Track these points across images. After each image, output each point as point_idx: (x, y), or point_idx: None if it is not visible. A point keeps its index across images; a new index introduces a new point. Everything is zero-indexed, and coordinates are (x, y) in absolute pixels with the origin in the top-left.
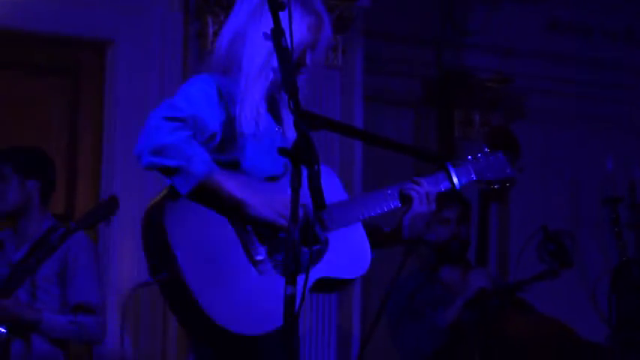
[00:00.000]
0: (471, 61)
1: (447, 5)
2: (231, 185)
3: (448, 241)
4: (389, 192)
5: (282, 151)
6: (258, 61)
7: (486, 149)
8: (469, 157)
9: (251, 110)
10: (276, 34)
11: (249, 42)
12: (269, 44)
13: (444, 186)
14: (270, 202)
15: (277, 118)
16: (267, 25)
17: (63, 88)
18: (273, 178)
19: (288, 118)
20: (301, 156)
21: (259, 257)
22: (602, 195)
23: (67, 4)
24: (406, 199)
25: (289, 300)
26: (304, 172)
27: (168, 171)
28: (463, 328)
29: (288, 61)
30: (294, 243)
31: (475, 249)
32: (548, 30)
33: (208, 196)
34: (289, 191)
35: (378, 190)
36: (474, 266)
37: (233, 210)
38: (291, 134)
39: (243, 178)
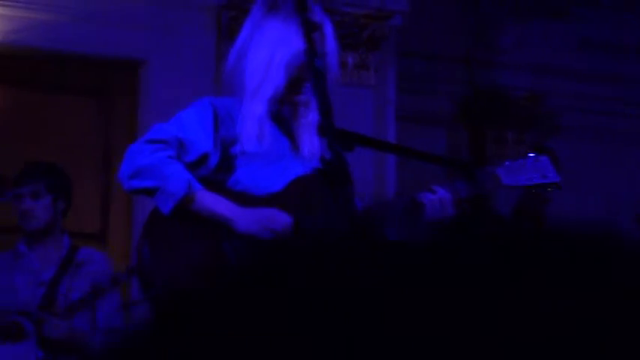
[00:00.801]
0: (503, 79)
1: (479, 24)
2: (213, 202)
3: None
4: (401, 200)
5: (319, 172)
6: (256, 76)
7: (531, 154)
8: (507, 161)
9: (252, 127)
10: (310, 54)
11: (251, 55)
12: (268, 57)
13: (465, 192)
14: (255, 216)
15: (289, 134)
16: (269, 35)
17: (96, 109)
18: (274, 195)
19: (303, 133)
20: (335, 177)
21: None
22: (638, 211)
23: (100, 25)
24: (418, 207)
25: None
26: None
27: (148, 192)
28: None
29: (321, 82)
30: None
31: None
32: (579, 48)
33: (191, 213)
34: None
35: (390, 199)
36: None
37: (218, 226)
38: (307, 149)
39: (227, 197)
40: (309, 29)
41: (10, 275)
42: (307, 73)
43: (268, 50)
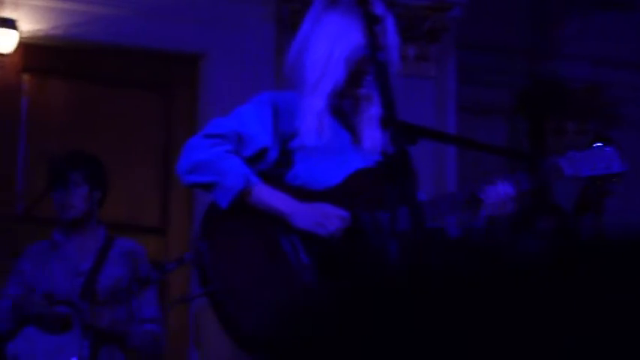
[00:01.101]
0: (564, 70)
1: (540, 14)
2: (270, 196)
3: None
4: (462, 193)
5: (381, 167)
6: (316, 70)
7: (597, 144)
8: (570, 151)
9: (312, 121)
10: (372, 47)
11: (311, 50)
12: (327, 51)
13: (527, 184)
14: (310, 213)
15: (350, 128)
16: (329, 29)
17: (157, 102)
18: (332, 189)
19: (364, 127)
20: (398, 170)
21: (303, 264)
22: None
23: (161, 19)
24: (479, 201)
25: None
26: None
27: (205, 187)
28: None
29: (383, 75)
30: (391, 256)
31: None
32: None
33: (249, 208)
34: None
35: (449, 193)
36: None
37: (275, 220)
38: (369, 143)
39: (285, 191)
40: (371, 22)
41: (46, 264)
42: (368, 67)
43: (328, 44)
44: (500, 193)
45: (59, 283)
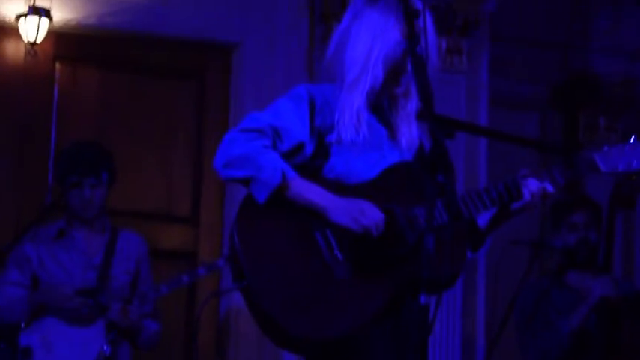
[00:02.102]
0: (598, 65)
1: (573, 8)
2: (307, 190)
3: (576, 246)
4: (494, 188)
5: (419, 160)
6: (355, 67)
7: (632, 139)
8: (605, 145)
9: (350, 117)
10: (411, 42)
11: (350, 46)
12: (367, 49)
13: (561, 178)
14: (346, 208)
15: (387, 124)
16: (368, 26)
17: (189, 91)
18: (368, 183)
19: (401, 123)
20: (437, 165)
21: (337, 260)
22: None
23: (194, 7)
24: (512, 197)
25: (424, 310)
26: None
27: (243, 181)
28: (587, 335)
29: (422, 69)
30: (427, 251)
31: (601, 255)
32: None
33: (286, 202)
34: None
35: (485, 187)
36: (599, 273)
37: (313, 214)
38: (406, 139)
39: (321, 185)
40: (411, 16)
41: (55, 254)
42: (405, 65)
43: (367, 42)
44: (535, 187)
45: (76, 275)
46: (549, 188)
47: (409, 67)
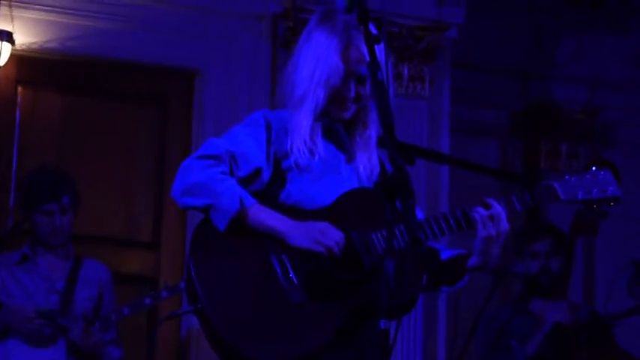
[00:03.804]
0: (559, 93)
1: (535, 37)
2: (266, 216)
3: (538, 274)
4: (453, 215)
5: (379, 186)
6: (300, 88)
7: (593, 168)
8: (566, 174)
9: (301, 140)
10: (372, 67)
11: (300, 67)
12: (311, 71)
13: (520, 206)
14: (306, 231)
15: (341, 146)
16: (315, 48)
17: (151, 117)
18: (325, 209)
19: (359, 149)
20: (397, 190)
21: (293, 284)
22: None
23: (156, 34)
24: (470, 223)
25: (384, 334)
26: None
27: (201, 210)
28: None
29: (383, 95)
30: (387, 276)
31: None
32: (636, 61)
33: (246, 228)
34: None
35: (443, 213)
36: (554, 299)
37: (271, 239)
38: (362, 161)
39: (279, 211)
40: (372, 42)
41: (18, 278)
42: (349, 92)
43: (311, 64)
44: (493, 213)
45: (38, 299)
46: (506, 216)
47: (352, 93)
